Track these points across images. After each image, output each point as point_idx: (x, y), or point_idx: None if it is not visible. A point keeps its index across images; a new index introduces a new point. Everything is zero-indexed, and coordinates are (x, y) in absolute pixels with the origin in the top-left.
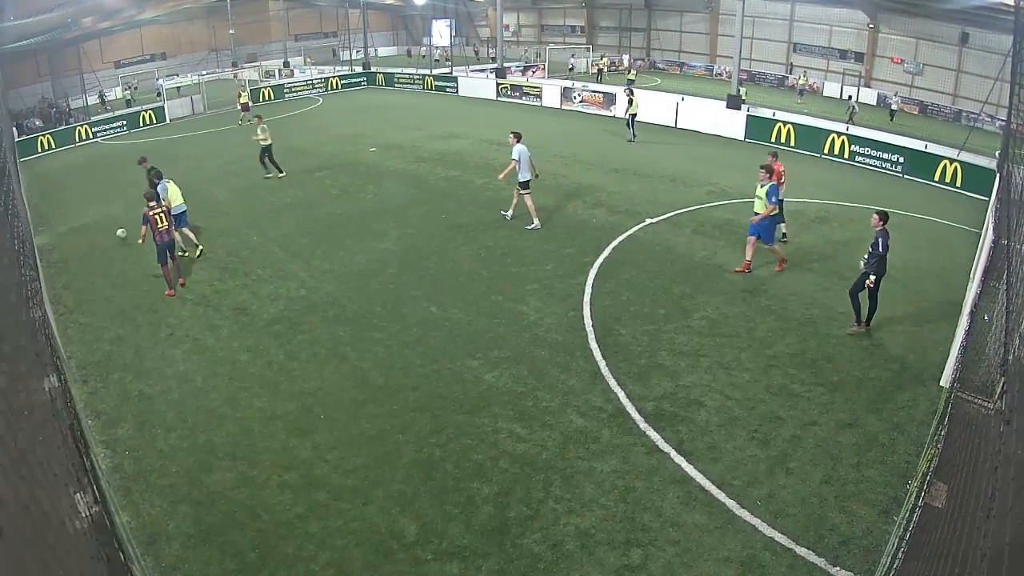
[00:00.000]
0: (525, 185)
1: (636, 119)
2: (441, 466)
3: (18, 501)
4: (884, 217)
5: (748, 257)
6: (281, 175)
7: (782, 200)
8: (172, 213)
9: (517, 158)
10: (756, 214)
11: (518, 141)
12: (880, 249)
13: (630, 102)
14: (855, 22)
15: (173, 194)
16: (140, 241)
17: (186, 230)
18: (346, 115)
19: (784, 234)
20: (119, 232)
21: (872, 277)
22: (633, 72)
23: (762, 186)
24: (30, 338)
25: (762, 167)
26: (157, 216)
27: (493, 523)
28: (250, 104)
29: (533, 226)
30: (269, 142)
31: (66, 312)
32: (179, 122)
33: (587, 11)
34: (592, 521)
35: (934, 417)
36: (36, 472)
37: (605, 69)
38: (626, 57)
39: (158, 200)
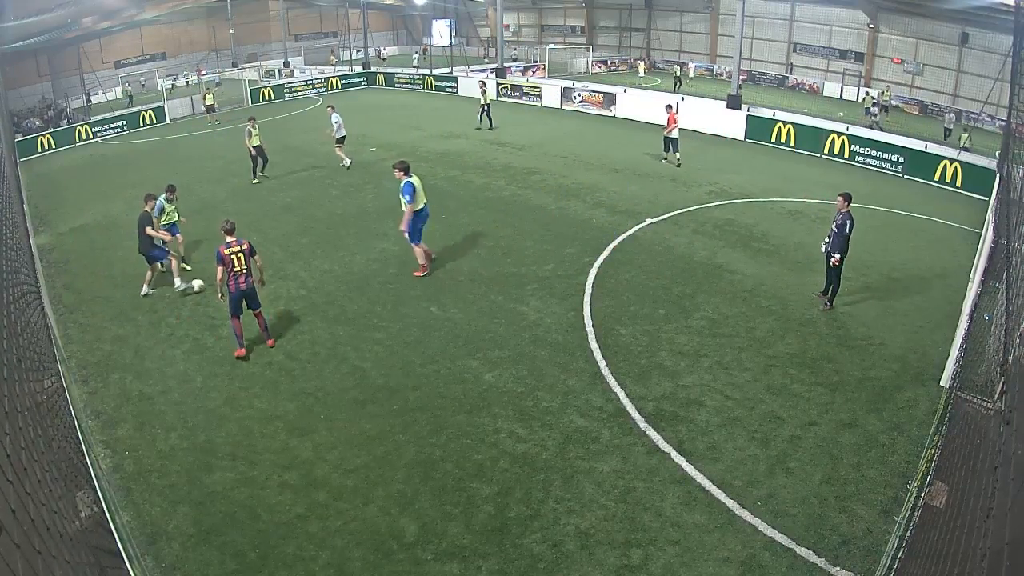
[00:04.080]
0: (341, 140)
1: (489, 110)
2: (441, 466)
3: (8, 504)
4: (848, 199)
5: (422, 261)
6: None
7: (676, 139)
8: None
9: (339, 121)
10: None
11: (335, 111)
12: (846, 231)
13: (483, 92)
14: (855, 22)
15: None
16: (220, 297)
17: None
18: (346, 115)
19: (679, 160)
20: (195, 284)
21: (836, 256)
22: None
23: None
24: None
25: (394, 165)
26: (235, 256)
27: (493, 523)
28: (216, 107)
29: (345, 163)
30: None
31: (66, 312)
32: (179, 122)
33: (587, 11)
34: (592, 521)
35: (934, 417)
36: (27, 474)
37: (679, 75)
38: (692, 65)
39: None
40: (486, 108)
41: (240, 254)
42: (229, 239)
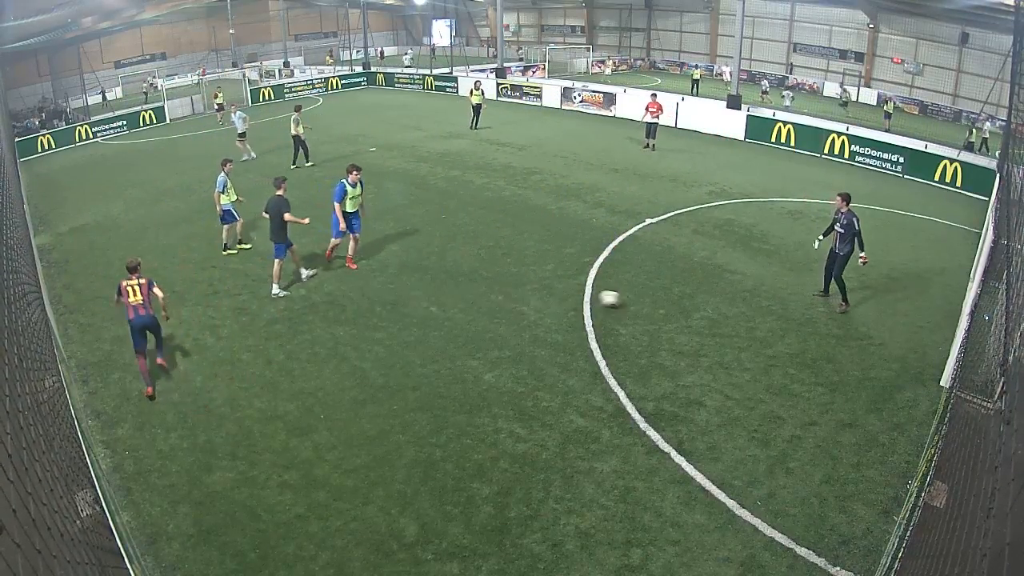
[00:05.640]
0: (242, 136)
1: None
2: (441, 466)
3: (10, 503)
4: (847, 199)
5: (350, 253)
6: None
7: (654, 123)
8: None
9: (244, 117)
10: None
11: (237, 109)
12: (856, 227)
13: (481, 93)
14: (855, 22)
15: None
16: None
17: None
18: (346, 115)
19: (653, 144)
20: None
21: (863, 254)
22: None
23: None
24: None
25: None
26: (131, 288)
27: (493, 523)
28: (225, 105)
29: (251, 156)
30: None
31: (66, 312)
32: (179, 122)
33: (587, 11)
34: (592, 521)
35: (934, 417)
36: (28, 474)
37: (698, 78)
38: (727, 68)
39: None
40: (477, 108)
41: (137, 287)
42: (132, 275)
